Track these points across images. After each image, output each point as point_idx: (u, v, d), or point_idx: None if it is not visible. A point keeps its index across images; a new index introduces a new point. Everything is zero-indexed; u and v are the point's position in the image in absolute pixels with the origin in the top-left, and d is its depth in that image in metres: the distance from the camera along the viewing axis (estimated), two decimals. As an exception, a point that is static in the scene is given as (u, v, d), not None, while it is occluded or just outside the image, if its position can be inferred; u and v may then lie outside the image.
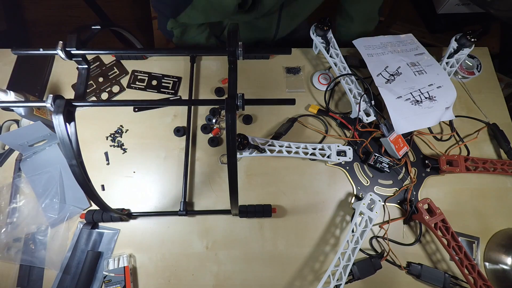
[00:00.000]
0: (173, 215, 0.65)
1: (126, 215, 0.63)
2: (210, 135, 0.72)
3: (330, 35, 0.73)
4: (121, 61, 0.79)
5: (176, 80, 0.77)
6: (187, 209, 0.64)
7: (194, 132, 0.73)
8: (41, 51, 0.46)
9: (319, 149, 0.68)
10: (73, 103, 0.42)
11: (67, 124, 0.41)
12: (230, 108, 0.39)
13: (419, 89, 0.68)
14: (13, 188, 0.66)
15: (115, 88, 0.76)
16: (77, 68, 0.50)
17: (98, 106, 0.72)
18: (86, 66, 0.49)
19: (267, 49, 0.82)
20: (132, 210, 0.65)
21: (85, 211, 0.64)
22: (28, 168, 0.67)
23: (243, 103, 0.40)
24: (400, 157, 0.68)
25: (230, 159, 0.42)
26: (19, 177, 0.67)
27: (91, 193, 0.48)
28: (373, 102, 0.69)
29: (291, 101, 0.43)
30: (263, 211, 0.64)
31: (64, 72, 0.76)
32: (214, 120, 0.73)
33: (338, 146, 0.68)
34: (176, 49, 0.88)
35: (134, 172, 0.69)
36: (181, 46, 0.81)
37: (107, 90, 0.76)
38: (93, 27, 0.51)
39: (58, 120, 0.40)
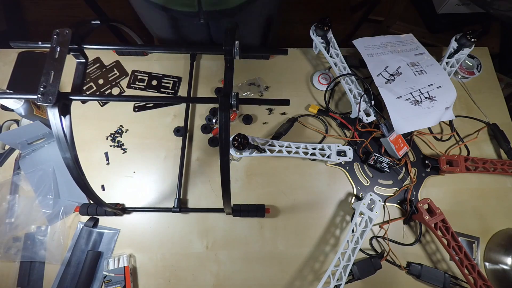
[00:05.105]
0: (167, 211, 0.65)
1: (120, 209, 0.63)
2: (210, 135, 0.72)
3: (330, 35, 0.73)
4: (121, 59, 0.79)
5: (176, 80, 0.77)
6: (181, 206, 0.65)
7: (193, 131, 0.73)
8: (40, 44, 0.46)
9: (319, 149, 0.68)
10: (69, 97, 0.42)
11: (62, 117, 0.41)
12: (224, 107, 0.39)
13: (419, 89, 0.68)
14: (12, 186, 0.66)
15: (115, 90, 0.76)
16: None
17: (93, 100, 0.72)
18: (84, 61, 0.49)
19: (264, 49, 0.81)
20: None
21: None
22: (27, 166, 0.68)
23: (237, 102, 0.40)
24: (400, 157, 0.68)
25: (222, 158, 0.42)
26: (18, 175, 0.67)
27: (84, 186, 0.47)
28: (373, 102, 0.69)
29: (285, 102, 0.42)
30: (256, 210, 0.64)
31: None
32: (214, 120, 0.73)
33: (338, 146, 0.68)
34: (175, 46, 0.87)
35: (134, 172, 0.69)
36: (180, 44, 0.79)
37: (107, 92, 0.76)
38: (92, 22, 0.50)
39: (53, 113, 0.40)
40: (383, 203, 0.67)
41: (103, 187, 0.67)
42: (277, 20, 0.85)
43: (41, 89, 0.40)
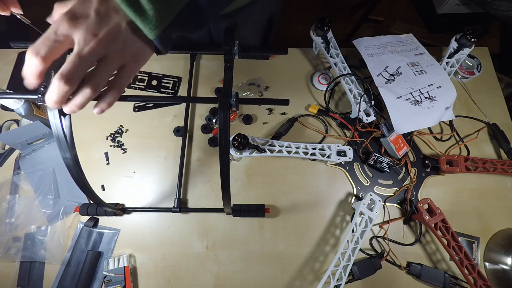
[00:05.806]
0: (167, 211, 0.65)
1: (120, 209, 0.63)
2: (210, 135, 0.72)
3: (330, 35, 0.73)
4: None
5: (176, 80, 0.77)
6: (181, 206, 0.65)
7: (193, 131, 0.73)
8: None
9: (319, 149, 0.68)
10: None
11: (62, 117, 0.41)
12: (224, 107, 0.39)
13: (419, 89, 0.68)
14: (12, 186, 0.66)
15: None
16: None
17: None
18: None
19: (263, 49, 0.81)
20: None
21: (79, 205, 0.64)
22: (27, 166, 0.68)
23: (237, 102, 0.40)
24: (400, 157, 0.68)
25: (222, 158, 0.42)
26: (18, 175, 0.67)
27: (84, 186, 0.47)
28: (373, 102, 0.69)
29: (285, 101, 0.42)
30: (256, 210, 0.64)
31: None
32: (214, 120, 0.73)
33: (338, 146, 0.68)
34: (175, 46, 0.87)
35: (134, 172, 0.69)
36: (180, 44, 0.79)
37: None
38: None
39: (53, 113, 0.40)
40: (383, 203, 0.67)
41: (103, 187, 0.67)
42: (277, 21, 0.85)
43: (41, 89, 0.40)
